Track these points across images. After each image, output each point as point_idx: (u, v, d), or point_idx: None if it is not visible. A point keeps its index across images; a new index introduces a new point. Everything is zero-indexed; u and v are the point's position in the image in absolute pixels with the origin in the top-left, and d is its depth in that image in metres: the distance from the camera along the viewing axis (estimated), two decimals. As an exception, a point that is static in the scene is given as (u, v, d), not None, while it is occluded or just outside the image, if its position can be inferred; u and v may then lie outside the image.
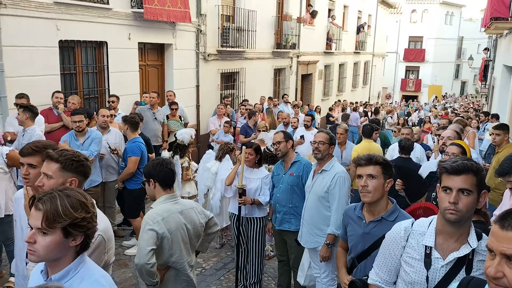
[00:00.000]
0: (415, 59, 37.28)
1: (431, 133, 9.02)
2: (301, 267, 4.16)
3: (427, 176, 4.19)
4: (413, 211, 3.01)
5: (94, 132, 5.48)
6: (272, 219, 4.42)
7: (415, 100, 33.99)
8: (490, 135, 5.85)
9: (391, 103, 28.72)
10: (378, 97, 28.26)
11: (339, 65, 20.05)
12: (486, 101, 18.63)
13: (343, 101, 17.89)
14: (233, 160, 5.65)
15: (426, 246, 2.02)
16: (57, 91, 6.42)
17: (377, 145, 6.84)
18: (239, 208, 4.38)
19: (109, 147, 5.74)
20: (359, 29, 21.94)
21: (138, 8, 7.99)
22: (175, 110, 8.23)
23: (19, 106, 5.20)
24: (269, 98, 12.18)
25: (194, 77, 10.21)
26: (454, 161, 1.96)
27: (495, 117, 10.01)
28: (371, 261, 2.41)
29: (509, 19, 9.69)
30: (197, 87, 10.33)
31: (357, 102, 18.72)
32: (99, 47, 7.73)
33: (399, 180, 4.28)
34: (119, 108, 7.35)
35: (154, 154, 6.36)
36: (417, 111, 23.30)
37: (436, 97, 32.81)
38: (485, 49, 19.38)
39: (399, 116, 18.04)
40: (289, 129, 7.92)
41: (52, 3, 6.50)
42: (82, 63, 7.48)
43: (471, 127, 8.89)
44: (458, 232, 1.96)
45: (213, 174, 5.46)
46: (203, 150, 8.94)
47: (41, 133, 5.29)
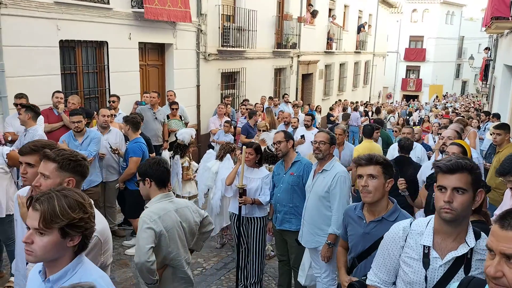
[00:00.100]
0: (415, 58, 37.25)
1: (431, 133, 9.00)
2: (302, 267, 4.16)
3: (428, 176, 4.18)
4: None
5: (92, 132, 5.48)
6: (272, 219, 4.43)
7: (416, 99, 33.97)
8: (491, 134, 5.85)
9: (391, 103, 28.74)
10: (378, 96, 28.23)
11: (340, 64, 20.03)
12: (486, 100, 18.61)
13: (343, 100, 17.88)
14: (234, 159, 5.65)
15: (424, 245, 2.01)
16: (58, 91, 6.42)
17: (377, 145, 6.84)
18: (240, 208, 4.38)
19: (111, 147, 5.74)
20: (360, 29, 21.92)
21: (138, 8, 7.99)
22: (175, 110, 8.23)
23: (22, 106, 5.20)
24: (270, 97, 12.18)
25: (194, 77, 10.21)
26: (448, 160, 1.96)
27: (496, 116, 10.00)
28: (371, 261, 2.41)
29: (510, 18, 9.66)
30: (198, 87, 10.33)
31: (357, 101, 18.71)
32: (100, 47, 7.74)
33: (401, 179, 4.26)
34: (120, 108, 7.35)
35: (154, 154, 6.36)
36: (417, 111, 23.32)
37: (437, 96, 32.80)
38: (486, 49, 19.37)
39: (401, 115, 18.05)
40: (290, 129, 7.91)
41: (52, 3, 6.50)
42: (82, 63, 7.48)
43: (472, 126, 8.88)
44: (455, 231, 1.96)
45: (213, 173, 5.47)
46: (203, 150, 8.95)
47: (43, 133, 5.29)
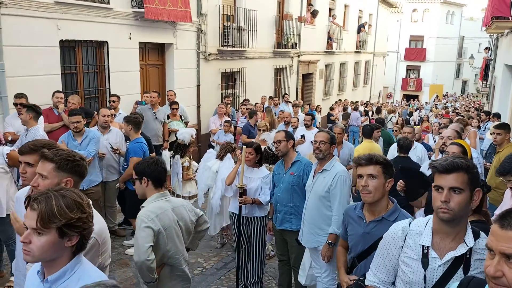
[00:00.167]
0: (416, 58, 37.25)
1: (432, 132, 9.00)
2: (302, 266, 4.16)
3: (428, 177, 4.18)
4: None
5: (92, 132, 5.47)
6: (272, 218, 4.43)
7: (416, 99, 33.97)
8: (491, 134, 5.85)
9: (392, 103, 28.72)
10: (379, 96, 28.23)
11: (340, 64, 20.02)
12: (487, 100, 18.60)
13: (344, 100, 17.87)
14: (234, 159, 5.64)
15: (423, 245, 2.02)
16: (58, 91, 6.42)
17: (377, 145, 6.85)
18: (240, 207, 4.39)
19: (112, 147, 5.74)
20: (360, 29, 21.91)
21: (138, 7, 7.99)
22: (175, 109, 8.23)
23: (23, 106, 5.20)
24: (270, 97, 12.18)
25: (194, 77, 10.21)
26: (444, 160, 1.96)
27: (496, 116, 9.99)
28: (371, 260, 2.41)
29: (510, 18, 9.66)
30: (198, 86, 10.33)
31: (357, 101, 18.70)
32: (100, 46, 7.73)
33: (401, 181, 4.26)
34: (120, 107, 7.35)
35: (154, 153, 6.36)
36: (418, 111, 23.32)
37: (437, 96, 32.81)
38: (486, 48, 19.37)
39: (401, 115, 18.05)
40: (289, 129, 7.90)
41: (52, 2, 6.50)
42: (82, 63, 7.48)
43: (472, 126, 8.87)
44: (454, 231, 1.96)
45: (214, 173, 5.46)
46: (203, 149, 8.95)
47: (45, 133, 5.28)
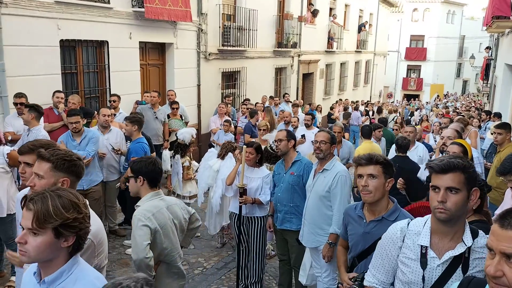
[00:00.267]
0: (416, 58, 37.22)
1: (432, 132, 8.98)
2: (303, 266, 4.16)
3: (428, 176, 4.17)
4: (415, 209, 3.00)
5: (91, 132, 5.44)
6: (273, 216, 4.42)
7: (417, 99, 33.94)
8: (491, 134, 5.84)
9: (392, 102, 28.69)
10: (379, 96, 28.21)
11: (341, 64, 20.01)
12: (487, 100, 18.57)
13: (344, 100, 17.86)
14: (235, 159, 5.64)
15: (421, 245, 2.01)
16: (58, 91, 6.42)
17: (377, 145, 6.86)
18: (240, 207, 4.39)
19: (113, 148, 5.74)
20: (361, 28, 21.90)
21: (139, 7, 7.99)
22: (176, 109, 8.23)
23: (25, 106, 5.20)
24: (271, 97, 12.18)
25: (195, 76, 10.21)
26: (440, 160, 1.95)
27: (497, 116, 9.97)
28: (371, 260, 2.42)
29: (511, 17, 9.65)
30: (198, 86, 10.33)
31: (358, 101, 18.70)
32: (100, 46, 7.73)
33: (400, 179, 4.26)
34: (120, 107, 7.35)
35: (155, 153, 6.36)
36: (418, 110, 23.30)
37: (438, 96, 32.77)
38: (487, 48, 19.35)
39: (403, 115, 18.03)
40: (290, 128, 7.90)
41: (53, 2, 6.50)
42: (83, 63, 7.48)
43: (472, 126, 8.86)
44: (452, 230, 1.96)
45: (215, 171, 5.45)
46: (204, 149, 8.95)
47: (47, 133, 5.27)
